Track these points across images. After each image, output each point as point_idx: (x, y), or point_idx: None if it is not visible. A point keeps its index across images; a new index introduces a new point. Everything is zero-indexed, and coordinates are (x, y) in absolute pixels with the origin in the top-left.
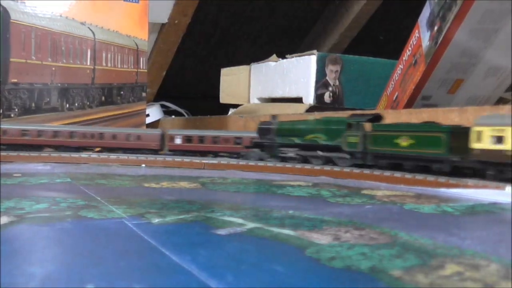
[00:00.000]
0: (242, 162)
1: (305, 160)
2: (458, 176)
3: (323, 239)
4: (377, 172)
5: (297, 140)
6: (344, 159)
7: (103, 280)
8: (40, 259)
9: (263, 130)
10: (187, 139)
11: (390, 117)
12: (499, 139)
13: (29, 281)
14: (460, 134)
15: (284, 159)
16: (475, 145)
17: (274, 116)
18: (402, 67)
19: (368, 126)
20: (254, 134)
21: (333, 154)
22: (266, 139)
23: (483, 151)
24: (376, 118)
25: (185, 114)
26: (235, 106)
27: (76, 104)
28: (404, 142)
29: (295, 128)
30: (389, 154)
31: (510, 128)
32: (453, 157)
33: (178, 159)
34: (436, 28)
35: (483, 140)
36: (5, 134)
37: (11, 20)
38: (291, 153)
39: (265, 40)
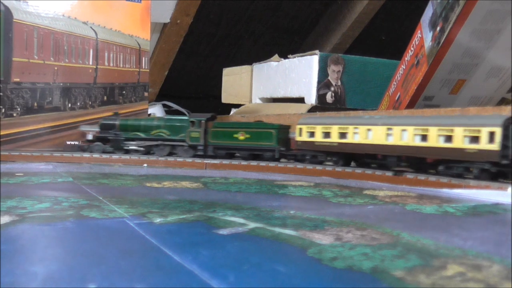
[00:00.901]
0: (244, 162)
1: (148, 152)
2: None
3: (325, 239)
4: (379, 173)
5: (143, 135)
6: (187, 150)
7: (104, 280)
8: (42, 258)
9: (105, 126)
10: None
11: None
12: (312, 134)
13: (31, 280)
14: (284, 130)
15: (128, 151)
16: (299, 138)
17: (116, 113)
18: (404, 68)
19: (209, 123)
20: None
21: (178, 146)
22: (110, 133)
23: (303, 142)
24: (212, 117)
25: (186, 114)
26: (237, 106)
27: (78, 104)
28: (241, 136)
29: (140, 125)
30: (227, 146)
31: (319, 126)
32: (280, 147)
33: (179, 159)
34: (438, 28)
35: (303, 135)
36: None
37: (14, 20)
38: (135, 146)
39: (267, 40)
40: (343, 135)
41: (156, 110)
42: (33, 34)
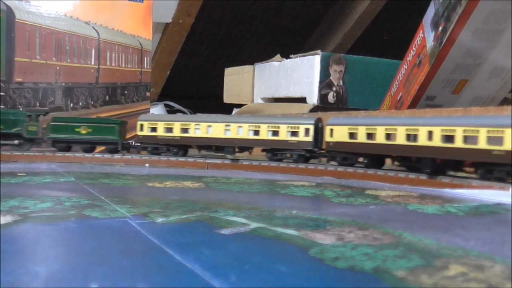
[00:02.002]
0: (245, 162)
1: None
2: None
3: (327, 239)
4: (380, 173)
5: None
6: (24, 144)
7: (106, 279)
8: (44, 258)
9: None
10: None
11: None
12: (154, 129)
13: (33, 280)
14: (124, 125)
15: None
16: (139, 132)
17: None
18: (406, 68)
19: (47, 117)
20: None
21: (14, 140)
22: None
23: (144, 136)
24: (47, 112)
25: (188, 113)
26: (239, 106)
27: (80, 104)
28: (83, 130)
29: None
30: (68, 140)
31: (161, 122)
32: (121, 140)
33: (181, 158)
34: (440, 28)
35: (144, 129)
36: None
37: (16, 20)
38: None
39: (269, 40)
40: (185, 130)
41: (158, 110)
42: (35, 34)
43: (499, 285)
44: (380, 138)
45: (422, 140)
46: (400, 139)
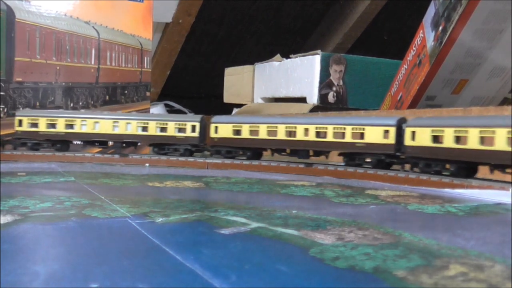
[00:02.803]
0: (245, 162)
1: None
2: None
3: (327, 239)
4: (380, 172)
5: None
6: None
7: (106, 279)
8: (44, 258)
9: None
10: None
11: None
12: (34, 125)
13: (33, 280)
14: None
15: None
16: (18, 128)
17: None
18: (406, 67)
19: None
20: None
21: None
22: None
23: (24, 132)
24: None
25: (188, 113)
26: (239, 105)
27: (81, 103)
28: None
29: None
30: None
31: (42, 118)
32: None
33: (181, 158)
34: (440, 28)
35: (24, 125)
36: None
37: (16, 19)
38: None
39: (269, 39)
40: (70, 126)
41: (158, 110)
42: (35, 34)
43: (499, 285)
44: (262, 134)
45: (299, 136)
46: (281, 134)
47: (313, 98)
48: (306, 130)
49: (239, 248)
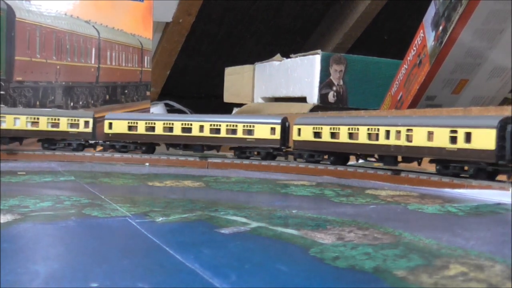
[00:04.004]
0: (246, 162)
1: None
2: None
3: (327, 238)
4: (381, 172)
5: None
6: None
7: (106, 279)
8: (44, 257)
9: None
10: None
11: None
12: None
13: (33, 279)
14: None
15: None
16: None
17: None
18: (406, 67)
19: None
20: None
21: None
22: None
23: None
24: None
25: (188, 113)
26: (239, 105)
27: (81, 103)
28: None
29: None
30: None
31: None
32: None
33: (181, 158)
34: (441, 28)
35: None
36: None
37: (16, 19)
38: None
39: (269, 39)
40: None
41: (158, 110)
42: (36, 33)
43: (499, 284)
44: (158, 130)
45: (195, 132)
46: (177, 130)
47: (313, 98)
48: (201, 127)
49: (239, 247)
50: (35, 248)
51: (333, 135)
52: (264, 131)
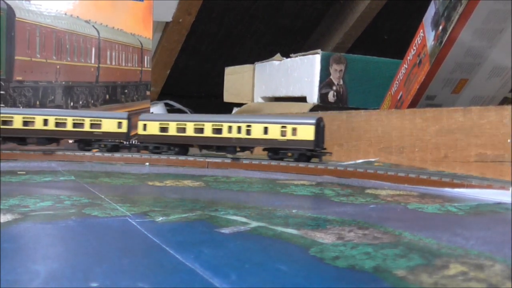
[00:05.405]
0: (245, 161)
1: None
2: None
3: (327, 238)
4: (381, 171)
5: None
6: None
7: (107, 278)
8: (44, 257)
9: None
10: None
11: (394, 117)
12: None
13: (33, 279)
14: None
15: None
16: None
17: None
18: (406, 67)
19: None
20: None
21: None
22: None
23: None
24: None
25: (188, 113)
26: (239, 105)
27: (81, 102)
28: None
29: None
30: None
31: None
32: None
33: (181, 157)
34: (440, 27)
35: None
36: None
37: (16, 18)
38: None
39: (269, 39)
40: None
41: (158, 109)
42: (36, 33)
43: (499, 284)
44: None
45: (45, 126)
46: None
47: (313, 98)
48: (46, 120)
49: (239, 247)
50: (35, 247)
51: (180, 130)
52: (111, 125)
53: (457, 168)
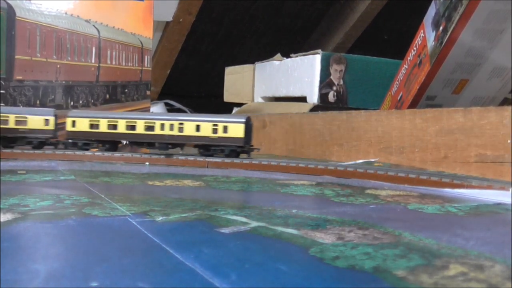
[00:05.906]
0: (246, 161)
1: None
2: None
3: (327, 238)
4: (381, 172)
5: None
6: None
7: (107, 278)
8: (44, 256)
9: None
10: None
11: (394, 117)
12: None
13: (33, 278)
14: None
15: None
16: None
17: None
18: (407, 67)
19: None
20: None
21: None
22: None
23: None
24: None
25: (188, 112)
26: (239, 105)
27: (81, 102)
28: None
29: None
30: None
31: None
32: None
33: (182, 157)
34: (441, 28)
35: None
36: None
37: (17, 18)
38: None
39: (269, 39)
40: None
41: (158, 109)
42: (36, 32)
43: (499, 284)
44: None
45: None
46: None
47: (314, 98)
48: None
49: (239, 247)
50: (35, 247)
51: (111, 126)
52: (38, 122)
53: (457, 169)
